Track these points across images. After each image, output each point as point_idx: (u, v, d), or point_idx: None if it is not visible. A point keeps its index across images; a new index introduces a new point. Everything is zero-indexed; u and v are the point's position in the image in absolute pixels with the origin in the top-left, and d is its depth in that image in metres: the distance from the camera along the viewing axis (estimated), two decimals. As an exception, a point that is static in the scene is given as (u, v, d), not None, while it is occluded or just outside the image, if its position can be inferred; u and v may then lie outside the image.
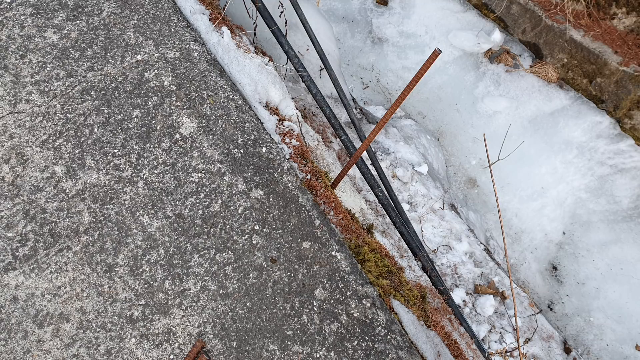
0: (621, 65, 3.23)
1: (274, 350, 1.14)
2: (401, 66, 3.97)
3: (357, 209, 1.79)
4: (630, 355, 2.84)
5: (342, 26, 4.25)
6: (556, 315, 3.07)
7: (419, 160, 3.06)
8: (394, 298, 1.36)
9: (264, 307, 1.19)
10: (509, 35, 3.85)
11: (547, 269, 3.28)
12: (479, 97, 3.73)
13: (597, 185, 3.37)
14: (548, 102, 3.55)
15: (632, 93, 3.23)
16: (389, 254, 1.58)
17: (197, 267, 1.23)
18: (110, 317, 1.16)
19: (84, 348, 1.12)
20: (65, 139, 1.37)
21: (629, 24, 3.36)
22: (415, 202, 2.86)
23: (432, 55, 1.10)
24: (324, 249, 1.29)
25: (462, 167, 3.63)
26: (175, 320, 1.16)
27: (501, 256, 3.09)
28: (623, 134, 3.35)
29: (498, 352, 2.39)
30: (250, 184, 1.36)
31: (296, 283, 1.23)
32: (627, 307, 3.01)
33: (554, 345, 2.59)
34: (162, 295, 1.19)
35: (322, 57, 2.25)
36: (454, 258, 2.73)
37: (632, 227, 3.23)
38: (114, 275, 1.20)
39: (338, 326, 1.18)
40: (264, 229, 1.30)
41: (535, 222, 3.39)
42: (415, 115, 3.87)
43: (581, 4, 3.44)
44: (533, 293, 3.14)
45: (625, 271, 3.13)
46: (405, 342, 1.20)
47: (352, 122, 2.31)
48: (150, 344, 1.13)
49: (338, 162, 2.13)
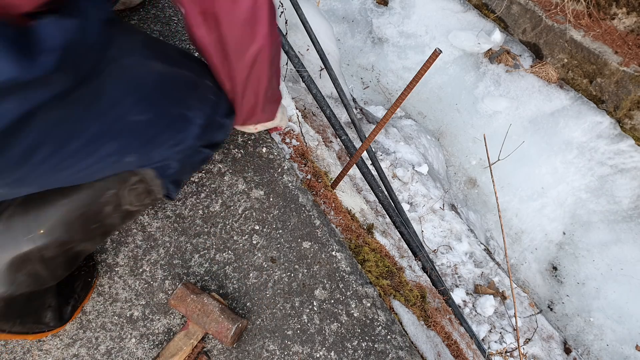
0: (621, 65, 3.23)
1: (274, 350, 1.14)
2: (401, 66, 3.97)
3: (357, 209, 1.79)
4: (631, 355, 2.84)
5: (342, 26, 4.25)
6: (556, 315, 3.07)
7: (419, 160, 3.06)
8: (394, 298, 1.36)
9: (264, 307, 1.19)
10: (509, 35, 3.85)
11: (547, 269, 3.28)
12: (479, 97, 3.73)
13: (597, 185, 3.37)
14: (548, 102, 3.55)
15: (633, 93, 3.23)
16: (389, 254, 1.58)
17: (197, 267, 1.23)
18: (110, 317, 1.16)
19: (84, 348, 1.12)
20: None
21: (629, 24, 3.36)
22: (415, 202, 2.86)
23: (432, 56, 1.10)
24: (324, 249, 1.29)
25: (462, 167, 3.63)
26: (176, 320, 1.16)
27: (501, 256, 3.09)
28: (623, 134, 3.35)
29: (498, 352, 2.39)
30: (251, 184, 1.36)
31: (296, 283, 1.23)
32: (627, 307, 3.01)
33: (554, 346, 2.59)
34: (162, 295, 1.19)
35: (322, 57, 2.25)
36: (454, 258, 2.73)
37: (632, 227, 3.23)
38: (114, 275, 1.20)
39: (338, 326, 1.19)
40: (264, 229, 1.30)
41: (536, 222, 3.40)
42: (416, 115, 3.87)
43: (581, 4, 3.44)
44: (533, 293, 3.14)
45: (626, 271, 3.13)
46: (405, 342, 1.20)
47: (352, 122, 2.31)
48: (150, 343, 1.13)
49: (338, 162, 2.13)
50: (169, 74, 0.94)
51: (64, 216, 0.91)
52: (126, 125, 0.85)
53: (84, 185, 0.92)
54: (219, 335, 1.07)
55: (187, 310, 1.09)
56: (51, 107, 0.72)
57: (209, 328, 1.08)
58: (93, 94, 0.78)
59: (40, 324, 1.00)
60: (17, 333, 0.98)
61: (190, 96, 0.98)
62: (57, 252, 0.93)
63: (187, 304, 1.09)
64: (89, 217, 0.95)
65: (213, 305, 1.09)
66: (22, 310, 0.96)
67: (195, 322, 1.09)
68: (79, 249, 0.98)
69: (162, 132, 0.93)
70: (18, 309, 0.95)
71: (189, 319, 1.10)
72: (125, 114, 0.84)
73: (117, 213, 1.00)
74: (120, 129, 0.85)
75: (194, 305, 1.09)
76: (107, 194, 0.95)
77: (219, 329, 1.07)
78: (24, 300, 0.95)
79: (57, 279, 0.98)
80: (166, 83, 0.93)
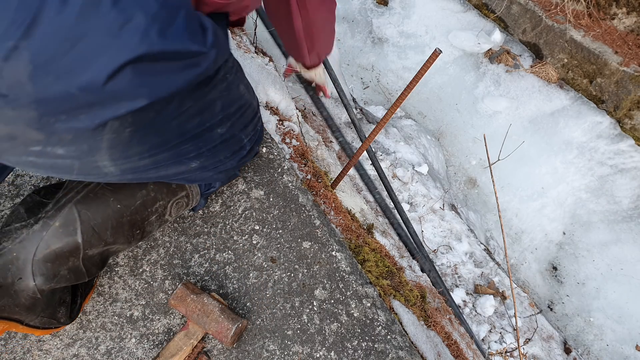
0: (621, 65, 3.23)
1: (274, 350, 1.14)
2: (401, 66, 3.97)
3: (357, 209, 1.79)
4: (631, 355, 2.84)
5: (342, 26, 4.25)
6: (556, 315, 3.07)
7: (419, 160, 3.06)
8: (394, 298, 1.36)
9: (264, 307, 1.19)
10: (509, 35, 3.85)
11: (547, 269, 3.28)
12: (479, 97, 3.73)
13: (597, 185, 3.37)
14: (548, 102, 3.54)
15: (633, 93, 3.23)
16: (389, 254, 1.58)
17: (197, 267, 1.23)
18: (110, 317, 1.16)
19: (84, 348, 1.12)
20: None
21: (630, 24, 3.36)
22: (415, 202, 2.86)
23: (432, 56, 1.10)
24: (324, 249, 1.29)
25: (462, 167, 3.63)
26: (176, 320, 1.16)
27: (501, 256, 3.09)
28: (623, 134, 3.35)
29: (498, 352, 2.39)
30: (251, 184, 1.36)
31: (296, 283, 1.23)
32: (627, 307, 3.01)
33: (554, 346, 2.59)
34: (162, 295, 1.19)
35: (322, 57, 2.24)
36: (454, 258, 2.73)
37: (632, 227, 3.23)
38: (114, 275, 1.20)
39: (338, 326, 1.19)
40: (264, 228, 1.30)
41: (536, 222, 3.39)
42: (416, 115, 3.87)
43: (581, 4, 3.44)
44: (533, 293, 3.14)
45: (626, 271, 3.13)
46: (405, 342, 1.20)
47: (352, 122, 2.31)
48: (150, 343, 1.13)
49: (338, 162, 2.13)
50: (247, 100, 1.04)
51: (116, 219, 0.95)
52: (208, 131, 0.92)
53: (139, 195, 0.98)
54: (219, 335, 1.07)
55: (187, 310, 1.09)
56: (196, 87, 0.81)
57: (209, 328, 1.08)
58: (205, 93, 0.85)
59: (53, 319, 1.01)
60: (30, 326, 0.98)
61: (250, 123, 1.10)
62: (99, 252, 0.97)
63: (187, 304, 1.09)
64: (135, 222, 1.00)
65: (213, 305, 1.09)
66: (46, 304, 0.96)
67: (195, 322, 1.09)
68: (114, 249, 1.01)
69: (224, 149, 1.02)
70: (44, 302, 0.95)
71: (189, 319, 1.10)
72: (213, 122, 0.92)
73: (157, 222, 1.07)
74: (203, 134, 0.91)
75: (194, 305, 1.09)
76: (157, 204, 1.03)
77: (219, 329, 1.07)
78: (51, 294, 0.96)
79: (90, 277, 1.00)
80: (243, 108, 1.03)
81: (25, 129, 0.66)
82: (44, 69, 0.61)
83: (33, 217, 0.91)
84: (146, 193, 1.00)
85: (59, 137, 0.69)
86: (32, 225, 0.89)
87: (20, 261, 0.87)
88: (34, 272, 0.88)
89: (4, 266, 0.87)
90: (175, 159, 0.89)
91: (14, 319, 0.93)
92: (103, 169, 0.79)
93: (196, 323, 1.09)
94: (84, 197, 0.92)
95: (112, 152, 0.76)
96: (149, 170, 0.86)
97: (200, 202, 1.21)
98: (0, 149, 0.71)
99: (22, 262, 0.88)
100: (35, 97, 0.62)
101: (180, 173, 0.95)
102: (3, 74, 0.60)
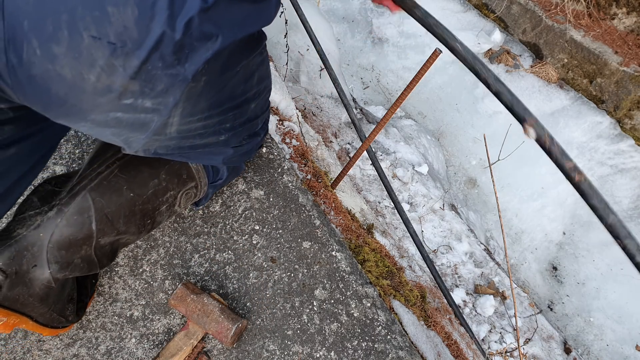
0: (621, 65, 3.23)
1: (274, 350, 1.14)
2: (401, 66, 3.97)
3: (357, 209, 1.79)
4: (631, 355, 2.84)
5: (342, 26, 4.25)
6: (556, 315, 3.07)
7: (419, 160, 3.06)
8: (394, 298, 1.36)
9: (264, 307, 1.19)
10: (509, 35, 3.85)
11: (547, 269, 3.28)
12: (479, 97, 3.73)
13: (597, 185, 3.37)
14: (548, 102, 3.55)
15: (633, 93, 3.23)
16: (389, 254, 1.58)
17: (197, 267, 1.23)
18: (110, 317, 1.16)
19: (84, 348, 1.12)
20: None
21: (630, 24, 3.36)
22: (415, 202, 2.86)
23: (432, 56, 1.10)
24: (324, 249, 1.29)
25: (462, 167, 3.63)
26: (176, 320, 1.16)
27: (501, 256, 3.09)
28: (623, 134, 3.35)
29: (498, 352, 2.39)
30: (251, 184, 1.36)
31: (296, 283, 1.23)
32: (627, 307, 3.01)
33: (554, 346, 2.59)
34: (162, 295, 1.19)
35: (322, 57, 2.25)
36: (454, 258, 2.73)
37: (633, 227, 3.23)
38: (114, 275, 1.20)
39: (338, 326, 1.19)
40: (264, 228, 1.30)
41: (536, 222, 3.39)
42: (416, 115, 3.87)
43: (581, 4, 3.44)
44: (533, 293, 3.14)
45: (626, 271, 3.13)
46: (405, 342, 1.20)
47: (352, 122, 2.31)
48: (150, 343, 1.13)
49: (338, 162, 2.13)
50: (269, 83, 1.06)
51: (129, 207, 0.95)
52: (245, 103, 0.94)
53: (151, 184, 0.98)
54: (219, 335, 1.07)
55: (187, 310, 1.09)
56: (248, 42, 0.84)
57: (209, 328, 1.08)
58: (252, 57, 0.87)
59: (62, 316, 0.99)
60: (40, 323, 0.97)
61: (267, 109, 1.12)
62: (111, 241, 0.96)
63: (187, 304, 1.09)
64: (147, 212, 1.00)
65: (213, 305, 1.09)
66: (58, 297, 0.95)
67: (195, 322, 1.09)
68: (125, 240, 1.01)
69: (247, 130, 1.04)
70: (56, 295, 0.94)
71: (189, 319, 1.10)
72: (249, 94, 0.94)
73: (167, 212, 1.07)
74: (242, 104, 0.93)
75: (194, 305, 1.09)
76: (168, 194, 1.03)
77: (219, 329, 1.07)
78: (62, 287, 0.95)
79: (101, 267, 0.99)
80: (267, 89, 1.05)
81: (124, 79, 0.65)
82: (149, 12, 0.60)
83: (47, 205, 0.90)
84: (158, 182, 0.99)
85: (152, 86, 0.68)
86: (47, 212, 0.88)
87: (36, 248, 0.86)
88: (49, 259, 0.87)
89: (19, 253, 0.85)
90: (217, 126, 0.89)
91: (25, 313, 0.92)
92: (166, 129, 0.78)
93: (196, 323, 1.09)
94: (97, 184, 0.91)
95: (185, 107, 0.76)
96: (194, 137, 0.86)
97: (208, 192, 1.19)
98: (94, 105, 0.68)
99: (37, 249, 0.86)
100: (138, 42, 0.62)
101: (208, 145, 0.94)
102: (112, 20, 0.59)
